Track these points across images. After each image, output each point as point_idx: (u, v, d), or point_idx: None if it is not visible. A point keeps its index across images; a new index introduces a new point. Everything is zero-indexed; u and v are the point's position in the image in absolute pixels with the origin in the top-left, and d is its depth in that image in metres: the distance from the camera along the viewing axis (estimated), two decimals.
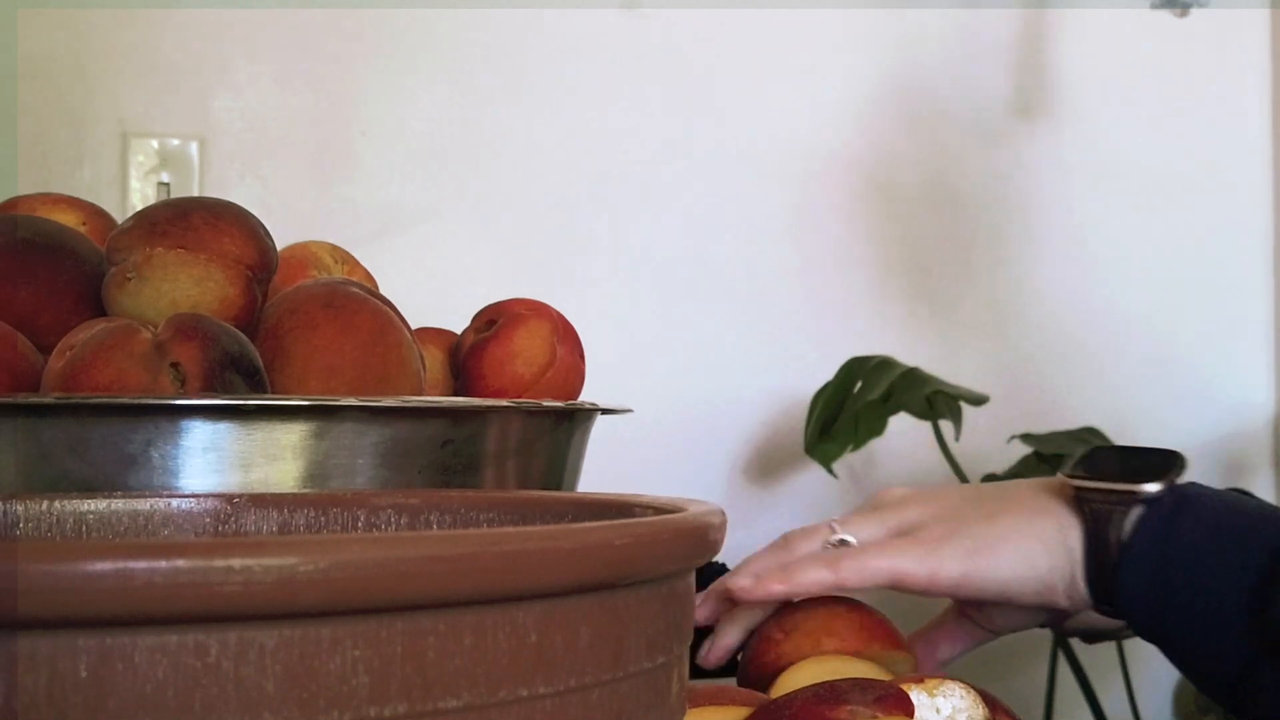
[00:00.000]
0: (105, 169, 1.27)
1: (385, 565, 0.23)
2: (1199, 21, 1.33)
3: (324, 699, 0.23)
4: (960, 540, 0.60)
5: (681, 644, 0.31)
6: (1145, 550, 0.57)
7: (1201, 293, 1.60)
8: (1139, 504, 0.58)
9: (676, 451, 1.40)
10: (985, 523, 0.60)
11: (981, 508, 0.61)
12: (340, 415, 0.52)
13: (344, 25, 1.33)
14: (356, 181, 1.34)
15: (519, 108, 1.38)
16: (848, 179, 1.48)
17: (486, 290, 0.82)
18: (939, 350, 1.48)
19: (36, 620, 0.21)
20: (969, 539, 0.60)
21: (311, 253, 0.72)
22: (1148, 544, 0.57)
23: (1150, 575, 0.57)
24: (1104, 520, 0.58)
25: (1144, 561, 0.57)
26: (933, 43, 1.51)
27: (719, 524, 0.32)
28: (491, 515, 0.42)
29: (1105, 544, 0.58)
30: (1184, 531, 0.57)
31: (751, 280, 1.45)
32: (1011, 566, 0.59)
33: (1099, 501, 0.59)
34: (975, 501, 0.62)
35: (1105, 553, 0.58)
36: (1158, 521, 0.58)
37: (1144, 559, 0.57)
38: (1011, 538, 0.60)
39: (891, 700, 0.47)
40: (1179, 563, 0.57)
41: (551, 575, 0.25)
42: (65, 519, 0.40)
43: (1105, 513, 0.58)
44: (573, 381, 0.70)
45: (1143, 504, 0.58)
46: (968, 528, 0.60)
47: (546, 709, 0.26)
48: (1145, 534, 0.58)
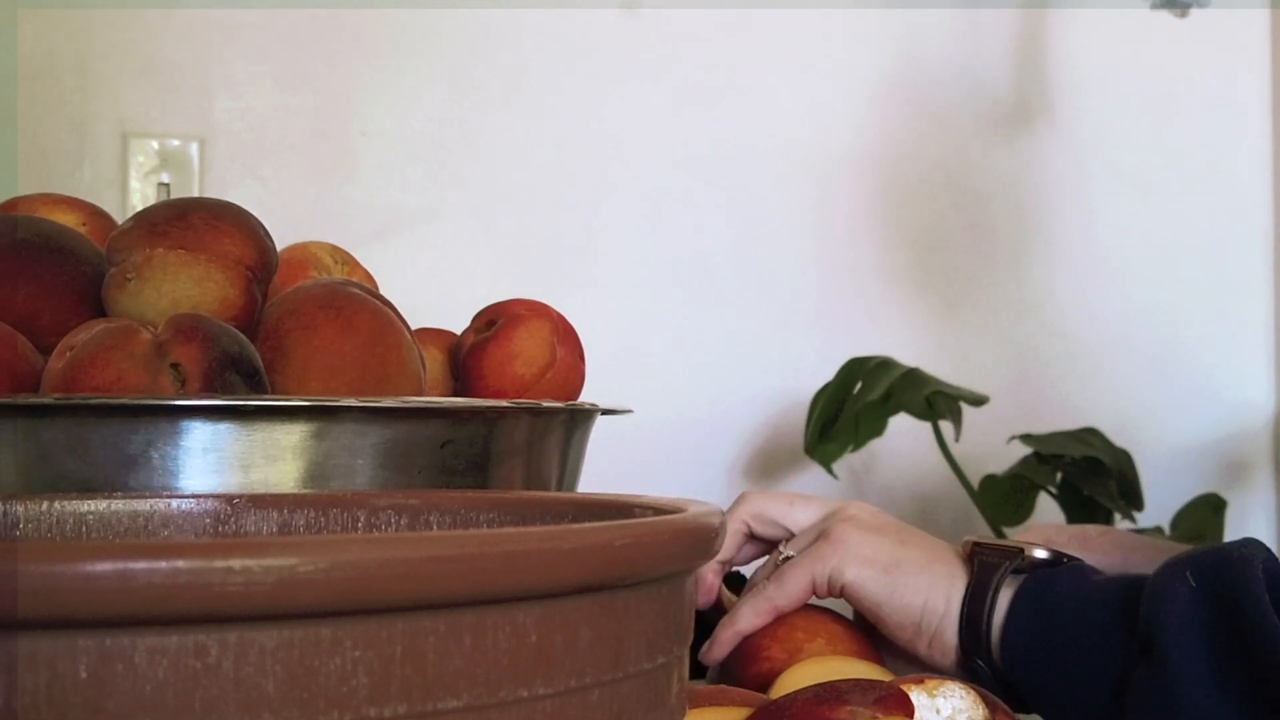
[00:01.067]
0: (105, 169, 1.27)
1: (385, 566, 0.23)
2: (1199, 21, 1.33)
3: (324, 699, 0.23)
4: (864, 550, 0.64)
5: (681, 644, 0.31)
6: (1025, 599, 0.61)
7: (1202, 292, 1.60)
8: (1024, 569, 0.62)
9: (677, 452, 1.40)
10: (893, 543, 0.65)
11: (895, 534, 0.66)
12: (340, 416, 0.52)
13: (344, 25, 1.33)
14: (356, 182, 1.34)
15: (519, 108, 1.38)
16: (847, 179, 1.48)
17: (486, 290, 0.82)
18: (940, 350, 1.48)
19: (36, 621, 0.21)
20: (871, 549, 0.64)
21: (311, 253, 0.72)
22: (1029, 592, 0.61)
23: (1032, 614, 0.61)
24: (988, 569, 0.63)
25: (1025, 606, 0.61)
26: (932, 43, 1.51)
27: (719, 524, 0.32)
28: (491, 515, 0.42)
29: (981, 596, 0.62)
30: (1060, 584, 0.61)
31: (752, 280, 1.45)
32: (893, 590, 0.63)
33: (989, 554, 0.63)
34: (895, 529, 0.67)
35: (977, 604, 0.62)
36: (1038, 580, 0.62)
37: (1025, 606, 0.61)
38: (907, 566, 0.64)
39: (891, 701, 0.47)
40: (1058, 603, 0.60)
41: (551, 575, 0.25)
42: (65, 519, 0.40)
43: (991, 563, 0.63)
44: (573, 382, 0.70)
45: (1028, 569, 0.62)
46: (877, 540, 0.65)
47: (546, 709, 0.26)
48: (1024, 590, 0.61)
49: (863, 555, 0.64)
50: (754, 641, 0.63)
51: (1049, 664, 0.60)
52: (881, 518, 0.68)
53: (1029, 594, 0.61)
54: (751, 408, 1.44)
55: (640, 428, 1.04)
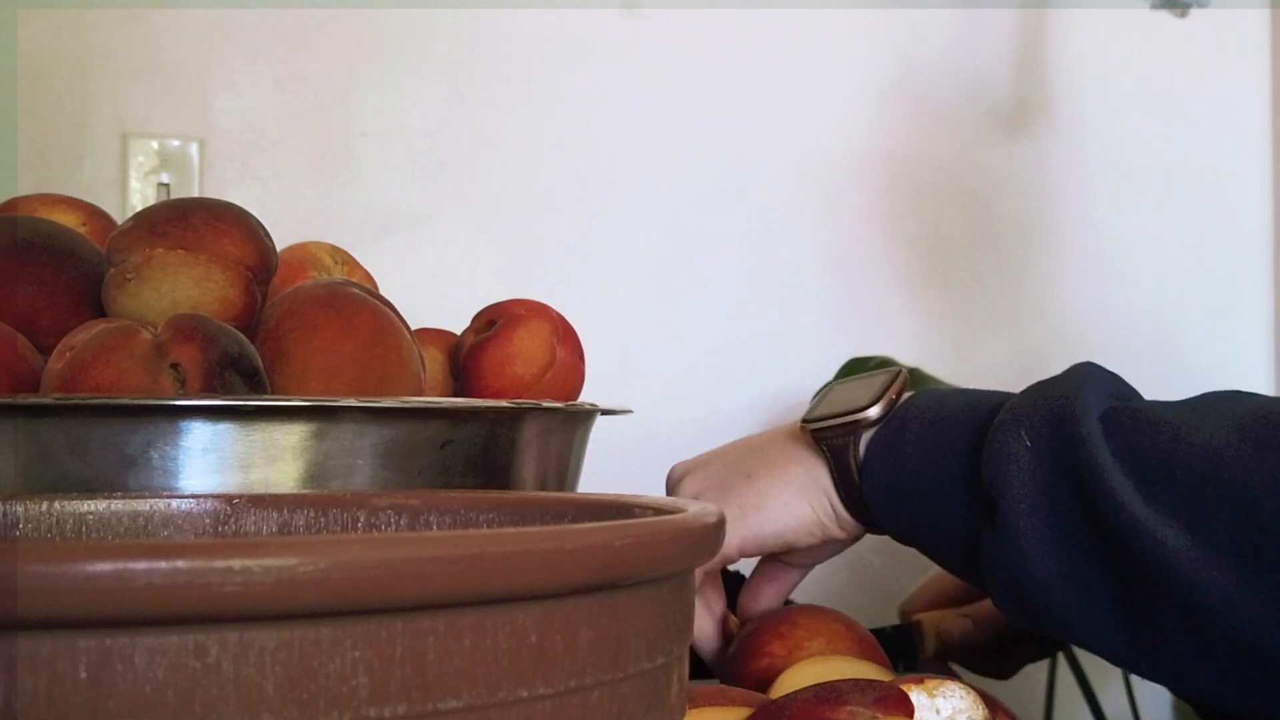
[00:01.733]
0: (105, 170, 1.27)
1: (385, 566, 0.23)
2: (1199, 21, 1.33)
3: (324, 700, 0.23)
4: (730, 509, 0.64)
5: (681, 644, 0.31)
6: (877, 463, 0.61)
7: (1202, 292, 1.60)
8: (867, 428, 0.62)
9: (677, 452, 1.39)
10: (745, 485, 0.65)
11: (741, 469, 0.66)
12: (340, 416, 0.52)
13: (344, 25, 1.33)
14: (356, 182, 1.34)
15: (519, 108, 1.38)
16: (847, 179, 1.48)
17: (486, 290, 0.82)
18: (940, 350, 1.48)
19: (36, 621, 0.21)
20: (735, 506, 0.64)
21: (311, 253, 0.72)
22: (878, 458, 0.61)
23: (887, 483, 0.61)
24: (841, 452, 0.62)
25: (879, 472, 0.61)
26: (933, 43, 1.51)
27: (719, 524, 0.32)
28: (491, 516, 0.42)
29: (847, 472, 0.62)
30: (908, 435, 0.61)
31: (752, 280, 1.45)
32: (778, 518, 0.64)
33: (833, 437, 0.63)
34: (736, 464, 0.66)
35: (849, 480, 0.62)
36: (884, 435, 0.62)
37: (878, 470, 0.61)
38: (769, 493, 0.64)
39: (891, 701, 0.47)
40: (907, 462, 0.60)
41: (551, 576, 0.25)
42: (65, 520, 0.40)
43: (840, 445, 0.62)
44: (572, 382, 0.70)
45: (870, 427, 0.62)
46: (733, 495, 0.65)
47: (546, 710, 0.26)
48: (874, 450, 0.61)
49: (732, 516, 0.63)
50: (754, 639, 0.63)
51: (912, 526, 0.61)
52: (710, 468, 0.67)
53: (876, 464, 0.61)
54: (752, 408, 1.44)
55: (640, 428, 1.04)
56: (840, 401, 0.64)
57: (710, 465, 0.68)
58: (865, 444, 0.62)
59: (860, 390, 0.65)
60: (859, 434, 0.62)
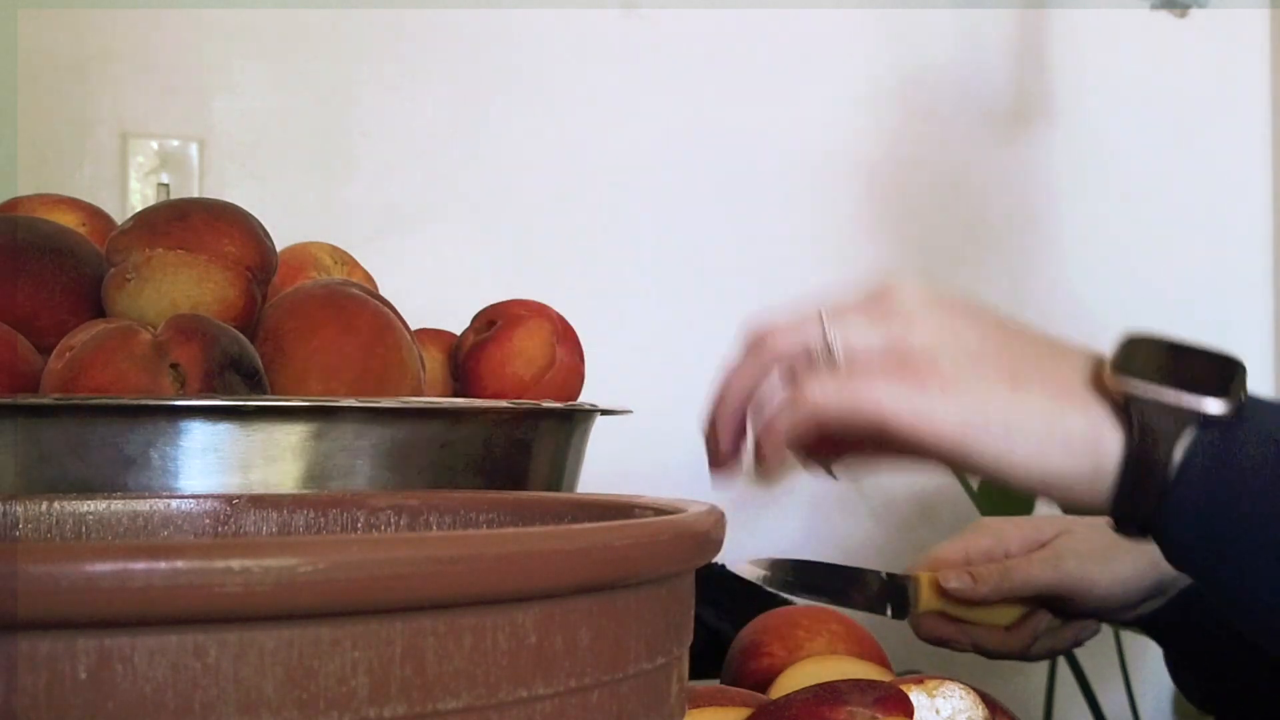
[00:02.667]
0: (105, 170, 1.27)
1: (385, 566, 0.23)
2: (1199, 21, 1.33)
3: (323, 700, 0.23)
4: (968, 399, 0.49)
5: (681, 645, 0.31)
6: (1201, 478, 0.47)
7: (1201, 292, 1.60)
8: (1195, 424, 0.48)
9: (676, 452, 1.39)
10: (1004, 387, 0.49)
11: (1005, 362, 0.50)
12: (340, 416, 0.52)
13: (344, 25, 1.33)
14: (356, 181, 1.34)
15: (519, 108, 1.38)
16: (848, 179, 1.48)
17: (486, 290, 0.82)
18: None
19: (36, 621, 0.21)
20: (979, 401, 0.49)
21: (311, 253, 0.72)
22: (1206, 472, 0.47)
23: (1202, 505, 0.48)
24: (1153, 438, 0.48)
25: (1196, 490, 0.47)
26: (933, 43, 1.51)
27: (719, 524, 0.32)
28: (491, 516, 0.42)
29: (1150, 464, 0.48)
30: (1245, 456, 0.47)
31: (752, 281, 1.45)
32: (1017, 455, 0.49)
33: (1151, 413, 0.48)
34: (1000, 349, 0.51)
35: (1148, 475, 0.48)
36: (1217, 442, 0.48)
37: (1197, 487, 0.47)
38: (1030, 423, 0.49)
39: (891, 701, 0.47)
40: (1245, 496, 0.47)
41: (551, 576, 0.25)
42: (65, 520, 0.40)
43: (1158, 429, 0.48)
44: (572, 382, 0.70)
45: (1199, 424, 0.48)
46: (982, 385, 0.49)
47: (546, 710, 0.26)
48: (1202, 459, 0.47)
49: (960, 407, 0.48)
50: (755, 638, 0.63)
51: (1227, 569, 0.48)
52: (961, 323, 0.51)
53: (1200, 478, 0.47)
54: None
55: (640, 428, 1.04)
56: (1169, 369, 0.50)
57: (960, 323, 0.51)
58: (1189, 444, 0.48)
59: (1195, 366, 0.50)
60: (1185, 426, 0.48)
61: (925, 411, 0.48)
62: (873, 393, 0.49)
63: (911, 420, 0.49)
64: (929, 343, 0.50)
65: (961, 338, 0.50)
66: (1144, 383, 0.49)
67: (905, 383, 0.49)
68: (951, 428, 0.49)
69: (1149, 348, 0.52)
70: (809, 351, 0.51)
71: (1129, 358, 0.51)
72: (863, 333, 0.51)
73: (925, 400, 0.48)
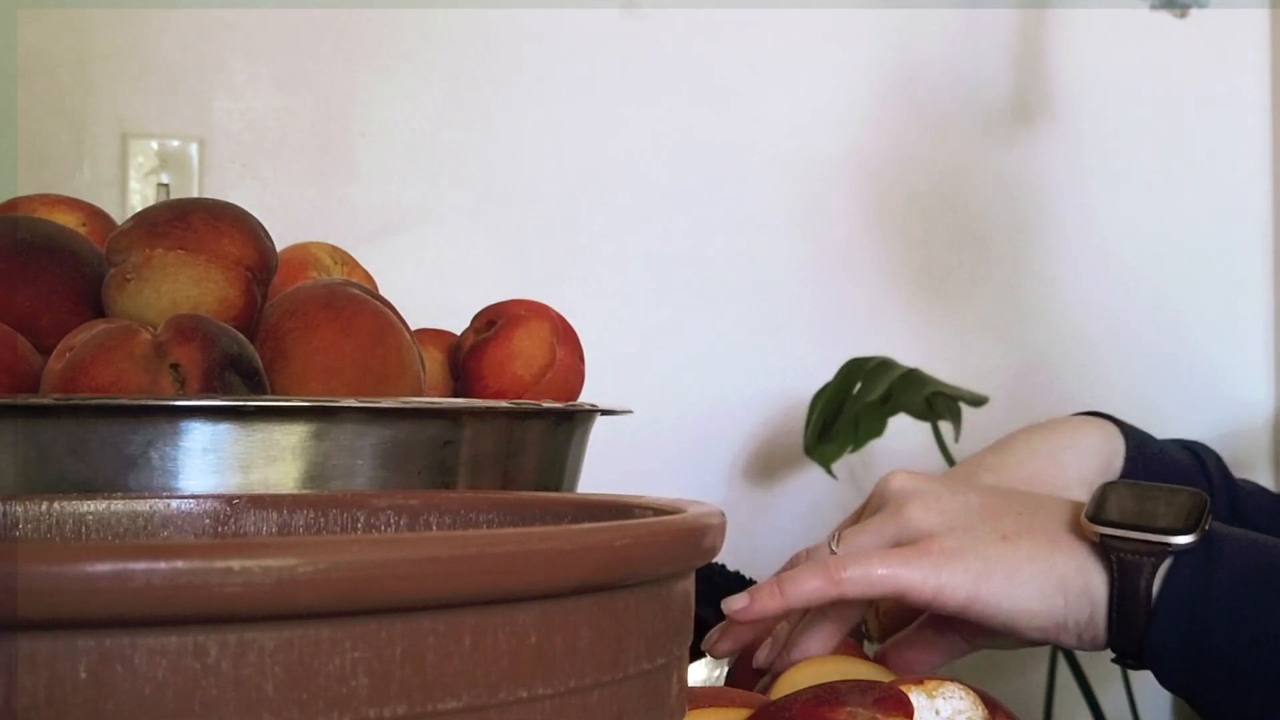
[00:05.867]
0: (105, 170, 1.27)
1: (384, 566, 0.23)
2: (1199, 21, 1.33)
3: (323, 700, 0.23)
4: (971, 560, 0.55)
5: (681, 645, 0.31)
6: (1177, 607, 0.53)
7: (1201, 292, 1.60)
8: (1168, 554, 0.54)
9: (676, 452, 1.40)
10: (1000, 546, 0.56)
11: (995, 525, 0.57)
12: (340, 416, 0.52)
13: (344, 25, 1.33)
14: (356, 182, 1.34)
15: (519, 108, 1.38)
16: (848, 178, 1.48)
17: (486, 290, 0.82)
18: (939, 350, 1.48)
19: (36, 621, 0.21)
20: (980, 560, 0.56)
21: (311, 254, 0.72)
22: (1182, 601, 0.54)
23: (1184, 632, 0.53)
24: (1132, 571, 0.54)
25: (1176, 618, 0.53)
26: (932, 43, 1.51)
27: (718, 525, 0.32)
28: (491, 516, 0.42)
29: (1133, 597, 0.54)
30: (1222, 581, 0.53)
31: (751, 281, 1.45)
32: (1024, 600, 0.55)
33: (1126, 551, 0.54)
34: (987, 516, 0.58)
35: (1133, 607, 0.54)
36: (1190, 574, 0.54)
37: (1176, 616, 0.53)
38: (1027, 569, 0.55)
39: (891, 702, 0.47)
40: (1220, 617, 0.53)
41: (551, 576, 0.25)
42: (65, 520, 0.40)
43: (1133, 564, 0.54)
44: (572, 382, 0.70)
45: (1172, 554, 0.54)
46: (980, 547, 0.56)
47: (546, 710, 0.26)
48: (1177, 588, 0.54)
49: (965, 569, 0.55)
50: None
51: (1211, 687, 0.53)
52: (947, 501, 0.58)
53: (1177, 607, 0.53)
54: (751, 408, 1.44)
55: (640, 428, 1.04)
56: (1137, 511, 0.56)
57: (949, 500, 0.59)
58: (1164, 574, 0.54)
59: (1161, 504, 0.56)
60: (1160, 559, 0.54)
61: (936, 578, 0.55)
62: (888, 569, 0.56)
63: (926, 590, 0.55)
64: (924, 526, 0.57)
65: (949, 513, 0.58)
66: (1117, 528, 0.55)
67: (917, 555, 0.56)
68: (963, 587, 0.55)
69: (1119, 494, 0.58)
70: None
71: (1101, 505, 0.57)
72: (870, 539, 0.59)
73: (935, 570, 0.55)
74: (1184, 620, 0.53)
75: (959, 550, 0.56)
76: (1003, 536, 0.56)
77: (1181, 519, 0.55)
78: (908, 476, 0.61)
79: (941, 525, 0.57)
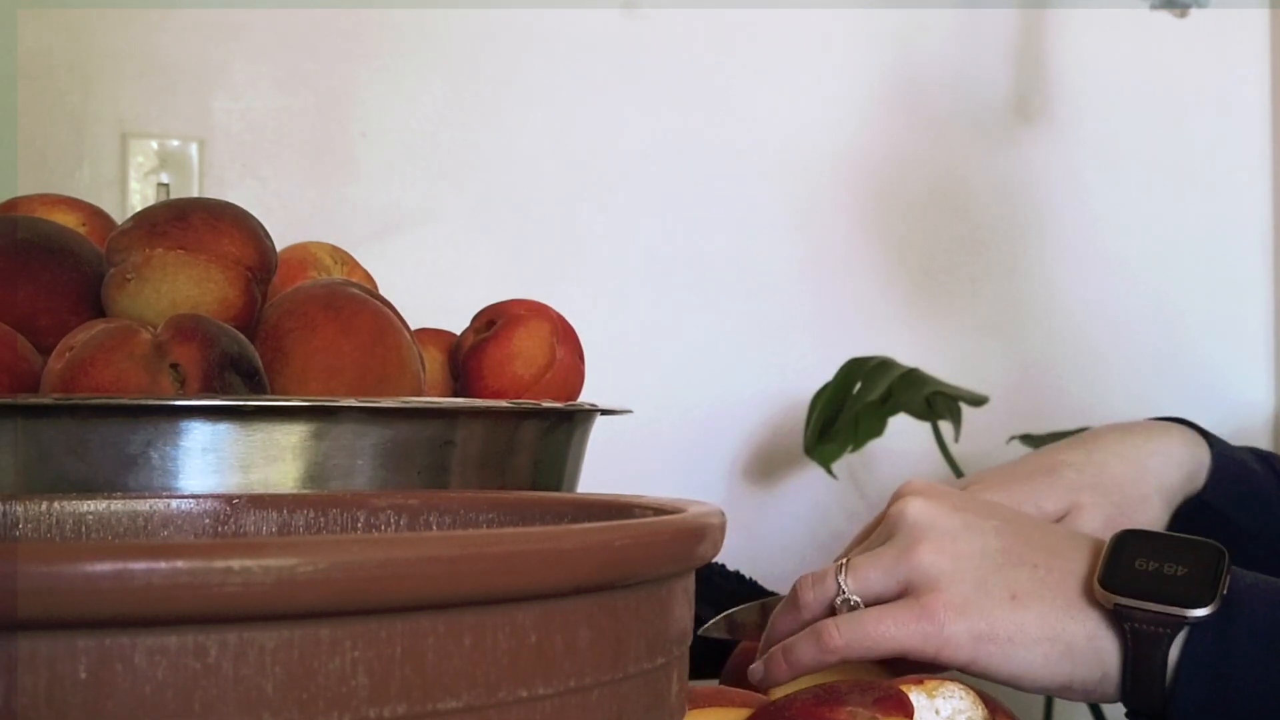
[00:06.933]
0: (105, 170, 1.27)
1: (385, 566, 0.23)
2: (1199, 21, 1.33)
3: (323, 700, 0.23)
4: (975, 621, 0.54)
5: (681, 645, 0.31)
6: (1198, 673, 0.52)
7: (1201, 292, 1.60)
8: (1185, 625, 0.52)
9: (676, 452, 1.40)
10: (1006, 606, 0.54)
11: (1005, 578, 0.55)
12: (340, 416, 0.52)
13: (344, 25, 1.33)
14: (356, 182, 1.34)
15: (518, 108, 1.38)
16: (848, 178, 1.48)
17: (486, 290, 0.82)
18: (939, 350, 1.48)
19: (36, 621, 0.21)
20: (984, 620, 0.54)
21: (311, 253, 0.72)
22: (1200, 665, 0.52)
23: (1206, 697, 0.52)
24: (1148, 642, 0.53)
25: (1198, 684, 0.52)
26: (931, 43, 1.51)
27: (719, 525, 0.32)
28: (491, 516, 0.42)
29: (1149, 665, 0.53)
30: (1240, 651, 0.52)
31: (752, 281, 1.45)
32: (1027, 664, 0.54)
33: (1141, 622, 0.53)
34: (999, 565, 0.56)
35: (1149, 674, 0.53)
36: (1209, 640, 0.52)
37: (1198, 682, 0.52)
38: (1032, 633, 0.54)
39: (891, 701, 0.47)
40: (1245, 688, 0.52)
41: (551, 576, 0.25)
42: (65, 520, 0.40)
43: (1150, 634, 0.53)
44: (572, 382, 0.70)
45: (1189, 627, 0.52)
46: (985, 604, 0.54)
47: (546, 710, 0.26)
48: (1197, 657, 0.52)
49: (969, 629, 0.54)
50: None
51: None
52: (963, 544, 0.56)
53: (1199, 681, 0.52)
54: (751, 408, 1.44)
55: (640, 428, 1.04)
56: (1153, 577, 0.54)
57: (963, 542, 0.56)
58: (1182, 642, 0.52)
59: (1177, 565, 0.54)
60: (1176, 630, 0.52)
61: (937, 638, 0.54)
62: (887, 635, 0.55)
63: (928, 649, 0.54)
64: (933, 574, 0.55)
65: (962, 560, 0.56)
66: (1130, 600, 0.53)
67: (917, 617, 0.55)
68: (964, 647, 0.54)
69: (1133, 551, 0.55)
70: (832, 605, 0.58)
71: (1114, 565, 0.55)
72: (876, 581, 0.57)
73: (936, 628, 0.54)
74: (1206, 685, 0.52)
75: (964, 608, 0.54)
76: (1012, 596, 0.55)
77: (1200, 586, 0.53)
78: (925, 505, 0.58)
79: (951, 574, 0.55)
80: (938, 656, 0.55)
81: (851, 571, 0.57)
